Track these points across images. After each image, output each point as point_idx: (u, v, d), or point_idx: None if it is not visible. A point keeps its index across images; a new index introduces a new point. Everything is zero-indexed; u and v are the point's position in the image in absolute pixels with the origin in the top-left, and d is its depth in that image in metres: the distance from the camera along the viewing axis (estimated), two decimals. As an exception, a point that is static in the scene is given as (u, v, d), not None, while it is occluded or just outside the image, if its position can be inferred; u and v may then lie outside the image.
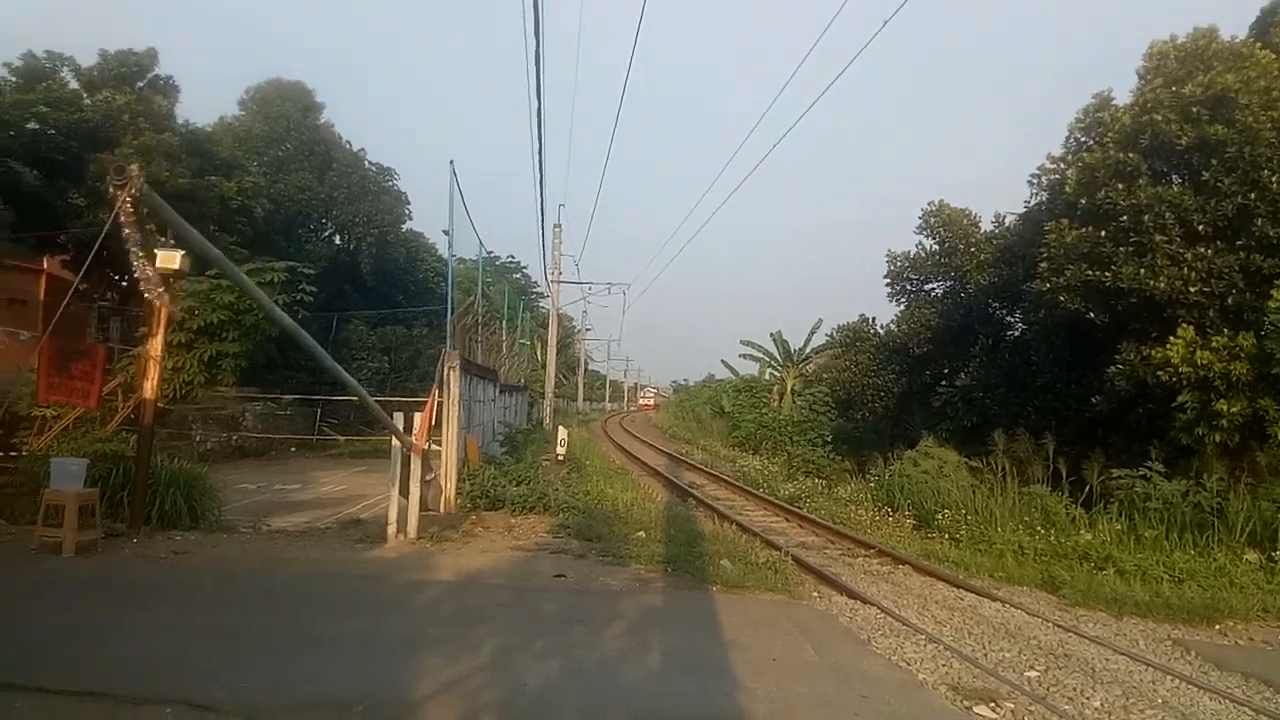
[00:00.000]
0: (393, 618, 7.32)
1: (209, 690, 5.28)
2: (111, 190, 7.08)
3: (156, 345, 10.02)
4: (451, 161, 14.51)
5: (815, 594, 9.45)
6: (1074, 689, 6.66)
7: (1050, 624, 8.76)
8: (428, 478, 11.02)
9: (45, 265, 24.86)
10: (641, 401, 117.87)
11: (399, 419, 10.60)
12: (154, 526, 10.25)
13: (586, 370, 76.74)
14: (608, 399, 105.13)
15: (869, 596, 9.31)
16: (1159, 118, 15.86)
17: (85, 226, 22.27)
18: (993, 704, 5.99)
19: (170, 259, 10.07)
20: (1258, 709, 6.50)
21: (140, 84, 24.87)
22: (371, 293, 33.92)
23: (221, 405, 23.55)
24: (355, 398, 28.80)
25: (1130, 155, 16.51)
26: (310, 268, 18.92)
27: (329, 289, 28.95)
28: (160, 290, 8.31)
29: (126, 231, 7.28)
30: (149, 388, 9.96)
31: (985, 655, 7.45)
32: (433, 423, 11.28)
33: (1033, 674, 7.01)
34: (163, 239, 9.19)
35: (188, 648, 6.13)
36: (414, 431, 10.45)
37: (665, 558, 10.09)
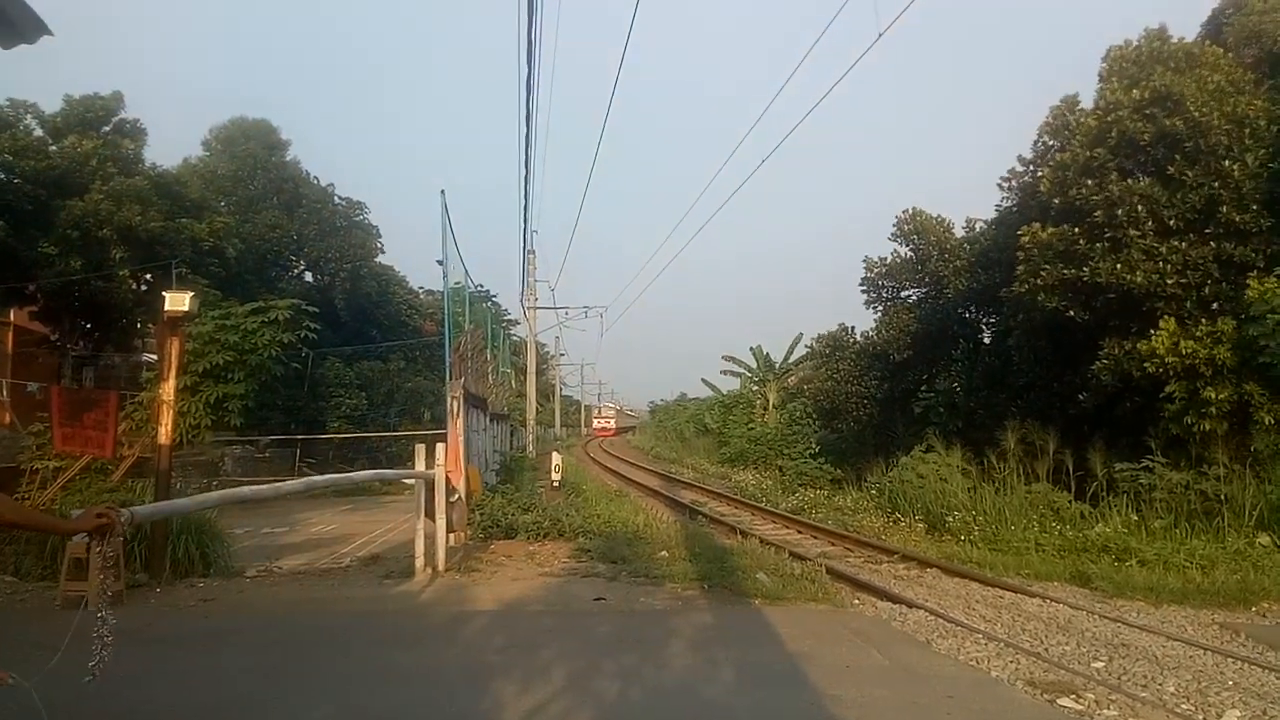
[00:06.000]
0: (450, 649, 7.18)
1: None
2: None
3: (170, 389, 9.74)
4: (443, 191, 14.41)
5: (856, 601, 9.44)
6: (1144, 676, 6.71)
7: (1096, 616, 8.82)
8: (453, 499, 10.87)
9: (12, 317, 24.32)
10: (597, 425, 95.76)
11: (420, 449, 10.46)
12: (171, 575, 9.96)
13: (561, 396, 76.32)
14: (583, 424, 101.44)
15: (914, 600, 9.32)
16: (1123, 115, 16.34)
17: (56, 276, 21.78)
18: (1074, 696, 6.01)
19: (179, 300, 9.90)
20: (1326, 687, 6.59)
21: (106, 128, 24.42)
22: (345, 328, 33.52)
23: (200, 451, 23.02)
24: (335, 437, 28.37)
25: (1098, 151, 16.92)
26: (313, 306, 18.63)
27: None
28: None
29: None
30: (164, 433, 9.68)
31: (1047, 650, 7.48)
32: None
33: (1099, 664, 7.05)
34: None
35: (259, 688, 5.98)
36: (439, 460, 10.29)
37: (698, 575, 10.01)
